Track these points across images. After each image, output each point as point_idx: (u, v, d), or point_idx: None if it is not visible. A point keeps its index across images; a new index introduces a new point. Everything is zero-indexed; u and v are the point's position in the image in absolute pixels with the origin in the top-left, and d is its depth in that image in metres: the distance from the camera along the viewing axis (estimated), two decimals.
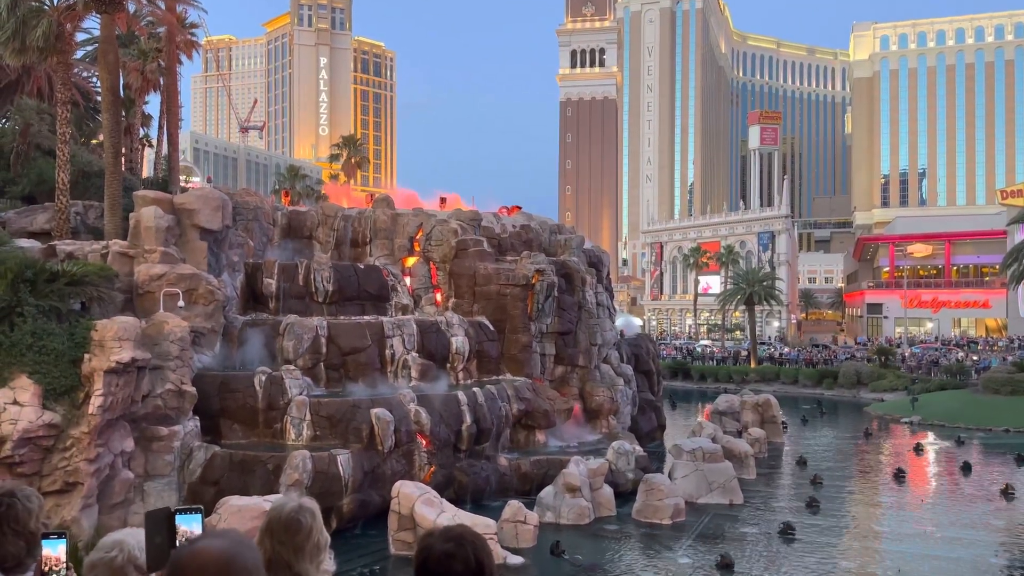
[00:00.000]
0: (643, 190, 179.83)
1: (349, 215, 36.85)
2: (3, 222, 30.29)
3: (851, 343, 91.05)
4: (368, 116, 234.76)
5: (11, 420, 19.76)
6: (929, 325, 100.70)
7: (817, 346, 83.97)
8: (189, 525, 2.95)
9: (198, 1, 40.13)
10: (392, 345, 29.32)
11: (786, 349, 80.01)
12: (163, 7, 36.31)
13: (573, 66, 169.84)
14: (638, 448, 30.05)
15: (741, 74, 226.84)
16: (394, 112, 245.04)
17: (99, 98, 39.26)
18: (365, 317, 30.81)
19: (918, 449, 38.43)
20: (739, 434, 37.35)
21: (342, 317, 30.56)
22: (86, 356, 21.15)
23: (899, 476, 32.07)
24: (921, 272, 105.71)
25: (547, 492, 25.00)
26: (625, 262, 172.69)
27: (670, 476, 27.68)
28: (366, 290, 32.91)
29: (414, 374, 29.15)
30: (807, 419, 49.12)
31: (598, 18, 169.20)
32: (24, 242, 26.71)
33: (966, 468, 33.40)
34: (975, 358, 66.31)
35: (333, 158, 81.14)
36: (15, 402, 20.10)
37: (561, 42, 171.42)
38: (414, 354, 29.63)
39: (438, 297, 34.76)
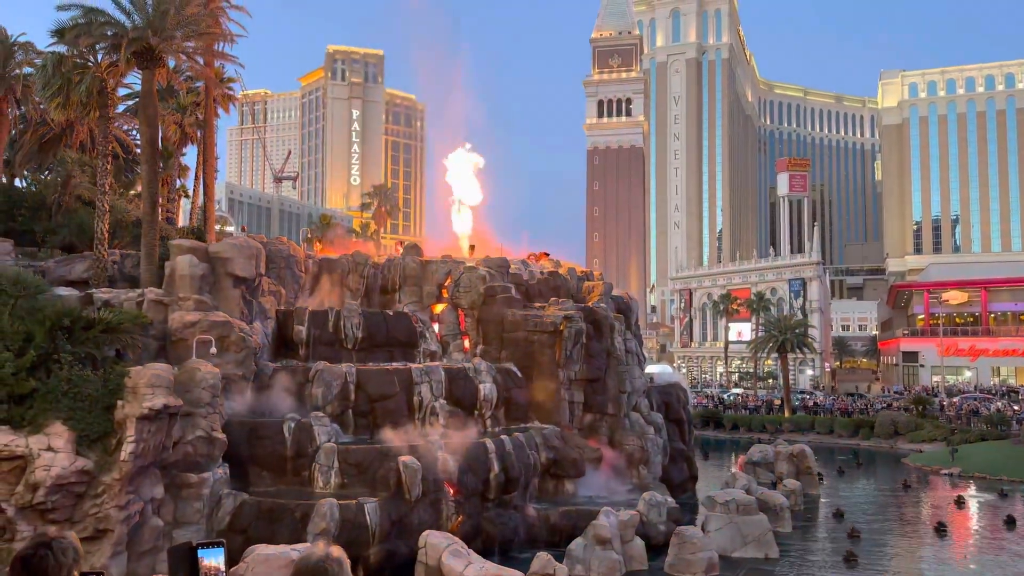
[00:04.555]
0: (671, 237, 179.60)
1: (379, 263, 37.23)
2: (43, 271, 31.00)
3: (885, 392, 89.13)
4: (399, 166, 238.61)
5: (45, 466, 19.94)
6: (967, 374, 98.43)
7: (851, 395, 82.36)
8: (212, 559, 2.96)
9: (235, 56, 41.45)
10: (420, 392, 29.28)
11: (820, 398, 78.51)
12: (202, 62, 37.50)
13: (600, 116, 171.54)
14: (670, 499, 29.48)
15: (768, 122, 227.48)
16: (423, 162, 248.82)
17: (138, 150, 40.41)
18: (393, 364, 30.87)
19: (959, 502, 37.26)
20: (774, 485, 36.56)
21: (371, 364, 30.64)
22: (119, 403, 21.37)
23: (940, 530, 31.05)
24: (957, 320, 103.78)
25: (577, 544, 24.53)
26: (654, 309, 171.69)
27: (703, 529, 27.07)
28: (395, 337, 33.05)
29: (442, 421, 29.01)
30: (844, 470, 47.96)
31: (624, 69, 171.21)
32: (62, 290, 27.28)
33: (1010, 522, 32.28)
34: (1016, 408, 64.50)
35: (364, 207, 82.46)
36: (49, 448, 20.31)
37: (588, 92, 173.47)
38: (442, 401, 29.54)
39: (466, 344, 34.77)
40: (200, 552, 2.97)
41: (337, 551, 3.15)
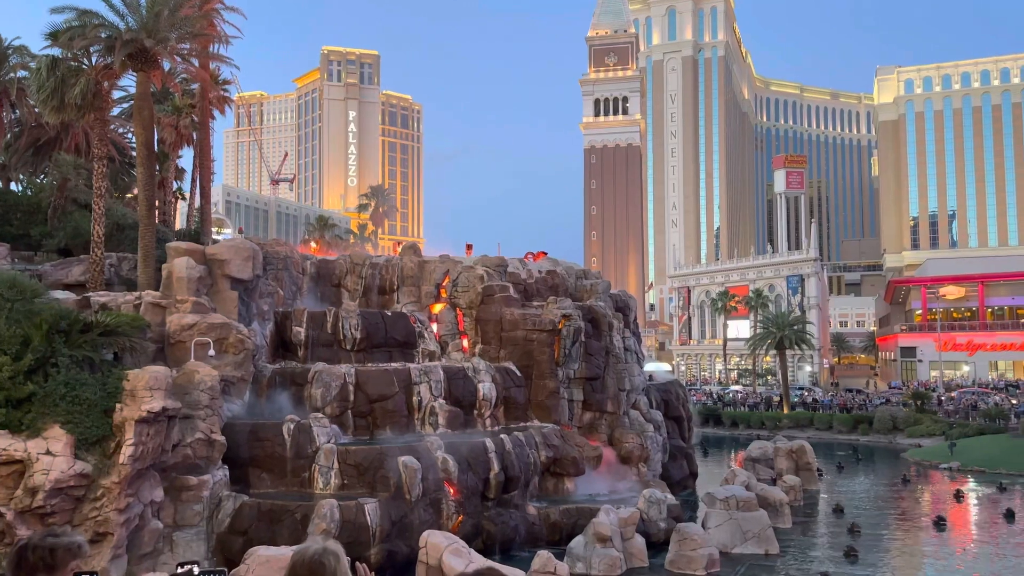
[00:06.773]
0: (669, 235, 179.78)
1: (377, 263, 37.21)
2: (39, 275, 30.95)
3: (884, 388, 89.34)
4: (396, 167, 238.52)
5: (43, 470, 19.92)
6: (965, 368, 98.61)
7: (850, 391, 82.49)
8: None
9: (231, 58, 41.40)
10: (419, 392, 29.27)
11: (819, 394, 78.61)
12: (197, 64, 37.42)
13: (597, 114, 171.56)
14: (670, 496, 29.49)
15: (765, 119, 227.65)
16: (421, 163, 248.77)
17: (134, 153, 40.34)
18: (392, 364, 30.84)
19: (958, 496, 37.32)
20: (773, 482, 36.58)
21: (370, 364, 30.62)
22: (118, 406, 21.35)
23: (940, 524, 31.11)
24: (955, 314, 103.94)
25: (577, 542, 24.55)
26: (652, 307, 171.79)
27: (703, 525, 27.09)
28: (393, 337, 33.03)
29: (441, 421, 29.00)
30: (843, 466, 48.00)
31: (621, 68, 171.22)
32: (59, 294, 27.24)
33: (1009, 515, 32.31)
34: (1014, 402, 64.60)
35: (361, 208, 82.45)
36: (48, 452, 20.29)
37: (584, 91, 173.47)
38: (441, 401, 29.52)
39: (465, 343, 34.76)
40: None
41: (334, 544, 3.14)
